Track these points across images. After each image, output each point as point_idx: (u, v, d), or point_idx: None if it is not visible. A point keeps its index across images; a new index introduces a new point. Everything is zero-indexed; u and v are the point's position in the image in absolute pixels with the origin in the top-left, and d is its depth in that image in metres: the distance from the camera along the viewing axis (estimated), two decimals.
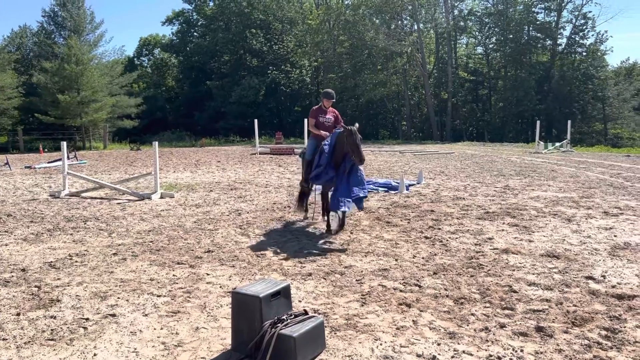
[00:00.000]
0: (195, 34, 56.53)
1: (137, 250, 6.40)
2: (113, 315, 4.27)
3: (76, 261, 5.95)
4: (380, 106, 50.63)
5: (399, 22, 46.85)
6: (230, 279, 5.21)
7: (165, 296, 4.73)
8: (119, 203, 10.32)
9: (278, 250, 6.36)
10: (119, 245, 6.72)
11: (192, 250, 6.40)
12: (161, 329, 4.00)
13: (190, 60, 54.25)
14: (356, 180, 6.89)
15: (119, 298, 4.68)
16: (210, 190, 11.95)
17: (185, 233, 7.39)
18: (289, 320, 3.47)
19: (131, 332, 3.94)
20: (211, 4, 54.33)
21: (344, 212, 7.07)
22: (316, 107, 7.83)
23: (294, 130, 46.30)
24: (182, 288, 4.94)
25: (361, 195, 6.90)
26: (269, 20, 50.95)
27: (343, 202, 6.76)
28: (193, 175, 15.49)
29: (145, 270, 5.55)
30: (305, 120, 25.68)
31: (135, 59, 61.32)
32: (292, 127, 48.02)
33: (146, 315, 4.28)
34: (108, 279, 5.24)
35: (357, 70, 45.53)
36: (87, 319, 4.19)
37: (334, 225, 7.31)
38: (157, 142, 11.56)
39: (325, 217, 7.63)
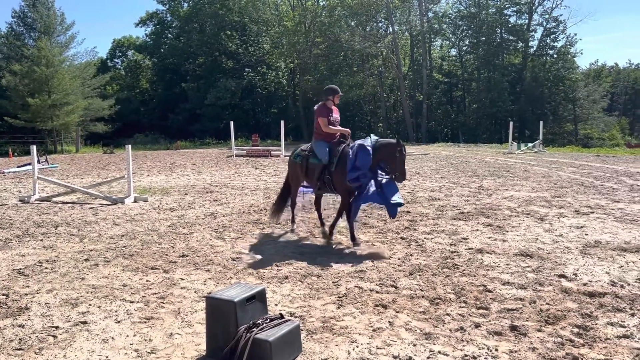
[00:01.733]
0: (169, 35, 55.86)
1: (110, 256, 6.27)
2: (84, 322, 4.17)
3: (46, 268, 5.80)
4: (356, 108, 50.80)
5: (375, 24, 47.11)
6: (205, 284, 5.14)
7: (138, 302, 4.64)
8: (91, 208, 10.12)
9: (254, 254, 6.31)
10: (91, 250, 6.58)
11: (166, 254, 6.30)
12: (134, 335, 3.92)
13: (165, 62, 53.60)
14: (394, 188, 6.60)
15: (90, 305, 4.58)
16: (185, 194, 11.81)
17: (160, 237, 7.28)
18: (264, 325, 3.43)
19: (103, 339, 3.85)
20: (185, 5, 53.80)
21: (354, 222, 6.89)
22: (322, 104, 7.13)
23: (271, 133, 46.16)
24: (155, 293, 4.85)
25: (401, 202, 6.61)
26: (245, 21, 50.65)
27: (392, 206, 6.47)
28: (168, 179, 15.30)
29: (117, 276, 5.44)
30: (282, 122, 25.63)
31: (108, 60, 60.30)
32: (268, 129, 47.86)
33: (118, 322, 4.19)
34: (79, 286, 5.12)
35: (334, 72, 45.59)
36: (57, 327, 4.08)
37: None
38: (130, 145, 11.37)
39: (324, 226, 7.35)
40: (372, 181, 6.53)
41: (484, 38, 46.30)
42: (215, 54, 50.45)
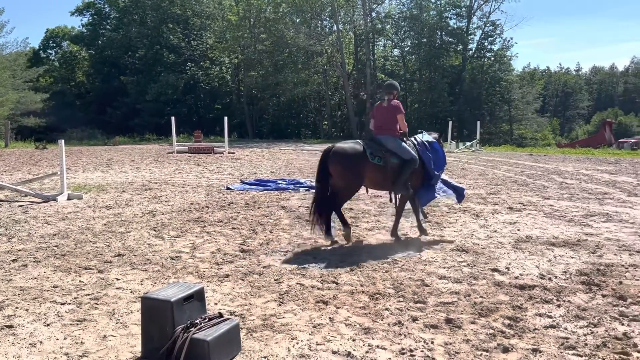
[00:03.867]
0: (107, 26, 53.82)
1: (40, 256, 5.97)
2: (10, 326, 3.95)
3: None
4: (301, 105, 50.84)
5: (319, 22, 47.25)
6: (142, 284, 4.99)
7: (70, 304, 4.44)
8: (20, 205, 9.59)
9: (194, 253, 6.19)
10: (20, 250, 6.24)
11: (101, 254, 6.07)
12: (64, 339, 3.75)
13: (102, 54, 51.60)
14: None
15: (17, 308, 4.34)
16: (123, 191, 11.43)
17: (94, 236, 7.00)
18: (202, 324, 3.37)
19: (30, 343, 3.66)
20: None
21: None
22: (398, 101, 6.98)
23: (214, 129, 45.42)
24: (89, 295, 4.66)
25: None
26: (187, 15, 49.56)
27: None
28: (104, 175, 14.74)
29: (48, 277, 5.19)
30: (226, 118, 25.24)
31: (41, 51, 57.43)
32: (212, 126, 47.04)
33: (48, 325, 4.00)
34: (5, 288, 4.84)
35: (279, 68, 45.39)
36: None
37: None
38: (63, 140, 10.89)
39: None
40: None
41: (425, 39, 47.48)
42: (156, 47, 49.04)
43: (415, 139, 6.97)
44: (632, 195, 10.71)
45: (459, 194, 7.39)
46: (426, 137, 7.03)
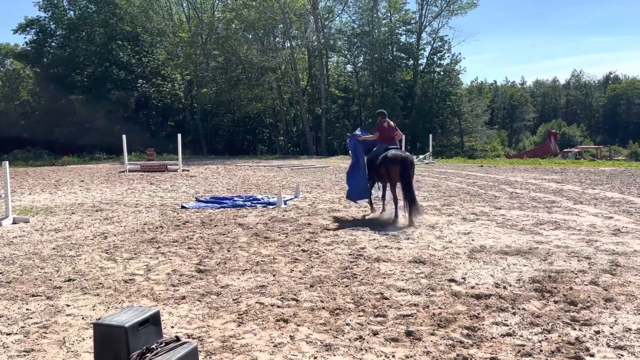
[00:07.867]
0: (53, 44, 52.16)
1: None
2: None
3: None
4: (257, 121, 50.67)
5: (272, 38, 47.41)
6: (94, 309, 4.80)
7: (16, 334, 4.22)
8: None
9: (149, 274, 6.01)
10: None
11: (50, 280, 5.80)
12: None
13: (48, 72, 49.84)
14: None
15: None
16: (72, 213, 11.02)
17: (42, 261, 6.70)
18: (159, 349, 3.25)
19: None
20: (71, 13, 50.59)
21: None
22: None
23: (167, 146, 44.55)
24: (37, 323, 4.44)
25: None
26: (137, 31, 48.71)
27: None
28: (52, 197, 14.18)
29: None
30: (179, 135, 24.86)
31: None
32: (165, 143, 46.10)
33: None
34: None
35: (232, 85, 45.14)
36: None
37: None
38: (7, 162, 10.42)
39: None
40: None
41: (377, 55, 48.44)
42: (105, 64, 47.85)
43: None
44: (578, 203, 11.17)
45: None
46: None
